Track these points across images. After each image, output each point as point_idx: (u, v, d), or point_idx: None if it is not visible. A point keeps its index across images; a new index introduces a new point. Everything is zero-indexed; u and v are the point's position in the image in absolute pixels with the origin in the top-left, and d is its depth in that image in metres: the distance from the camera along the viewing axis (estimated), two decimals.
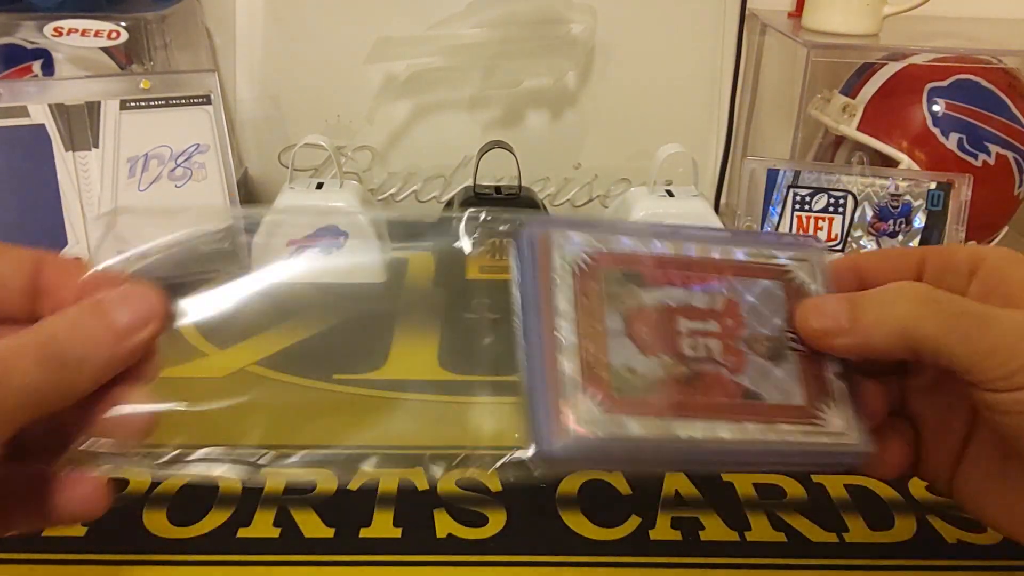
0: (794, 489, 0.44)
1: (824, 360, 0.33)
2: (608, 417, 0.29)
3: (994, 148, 0.65)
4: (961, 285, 0.34)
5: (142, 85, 0.63)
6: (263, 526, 0.40)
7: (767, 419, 0.31)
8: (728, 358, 0.32)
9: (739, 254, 0.34)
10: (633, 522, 0.41)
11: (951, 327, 0.31)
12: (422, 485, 0.43)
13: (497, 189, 0.68)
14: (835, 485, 0.45)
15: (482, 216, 0.34)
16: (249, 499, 0.42)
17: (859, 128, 0.67)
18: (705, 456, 0.30)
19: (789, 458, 0.31)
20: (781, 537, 0.41)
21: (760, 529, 0.41)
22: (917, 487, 0.45)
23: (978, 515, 0.35)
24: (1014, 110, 0.66)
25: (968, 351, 0.30)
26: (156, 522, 0.40)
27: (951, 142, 0.65)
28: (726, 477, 0.45)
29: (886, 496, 0.43)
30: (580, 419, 0.29)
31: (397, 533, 0.40)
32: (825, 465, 0.32)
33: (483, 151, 0.68)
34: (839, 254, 0.36)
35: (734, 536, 0.40)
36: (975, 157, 0.65)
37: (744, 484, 0.45)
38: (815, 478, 0.45)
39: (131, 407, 0.29)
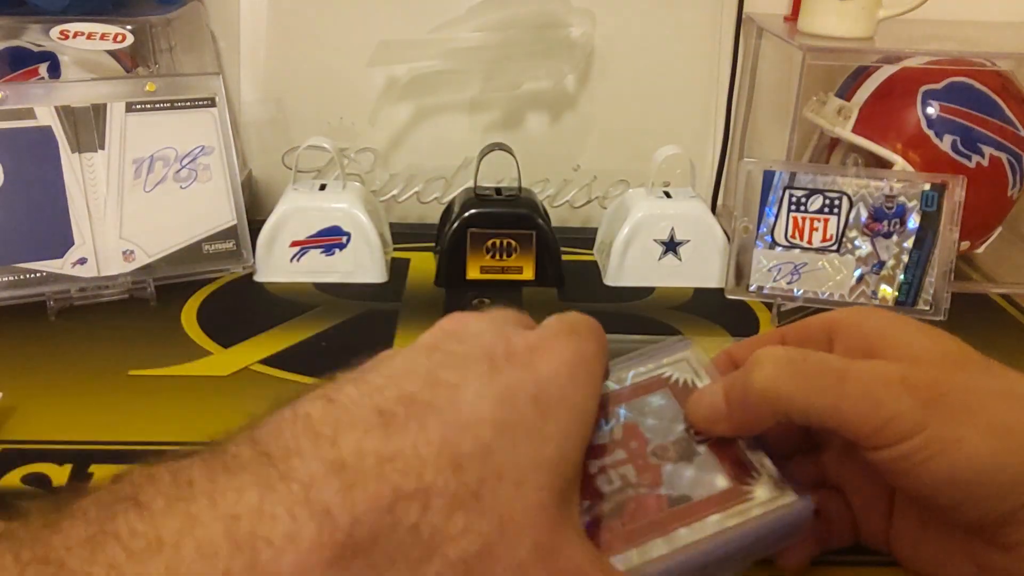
0: None
1: (734, 440, 0.33)
2: None
3: (987, 150, 0.66)
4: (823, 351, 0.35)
5: (147, 88, 0.63)
6: None
7: (698, 517, 0.31)
8: (644, 477, 0.32)
9: (618, 384, 0.35)
10: None
11: (810, 385, 0.31)
12: None
13: (498, 191, 0.69)
14: None
15: None
16: None
17: (854, 130, 0.68)
18: None
19: (737, 545, 0.31)
20: None
21: None
22: None
23: (913, 570, 0.36)
24: (1007, 112, 0.66)
25: (830, 405, 0.31)
26: None
27: (945, 144, 0.66)
28: None
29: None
30: None
31: None
32: (773, 533, 0.32)
33: (484, 153, 0.68)
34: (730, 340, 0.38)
35: None
36: (969, 159, 0.66)
37: None
38: None
39: None
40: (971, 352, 0.34)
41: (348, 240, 0.67)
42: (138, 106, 0.63)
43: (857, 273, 0.61)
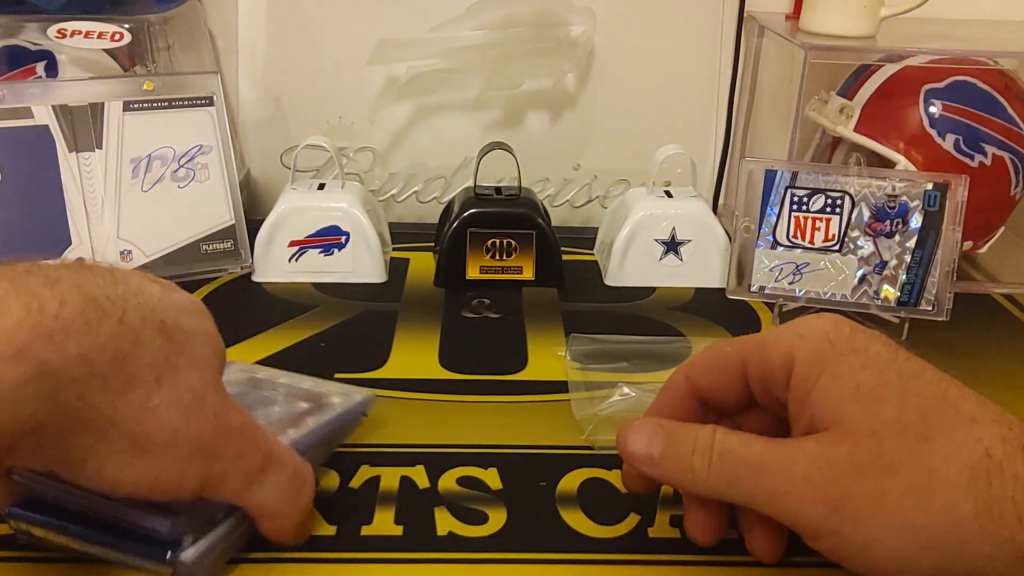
0: None
1: (302, 382, 0.48)
2: None
3: (990, 149, 0.65)
4: (782, 393, 0.36)
5: (145, 87, 0.63)
6: None
7: (298, 423, 0.43)
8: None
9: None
10: (632, 520, 0.42)
11: (730, 481, 0.34)
12: (423, 483, 0.44)
13: (497, 190, 0.69)
14: None
15: None
16: None
17: (856, 129, 0.68)
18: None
19: (329, 429, 0.44)
20: None
21: None
22: None
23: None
24: (1010, 111, 0.66)
25: (749, 501, 0.34)
26: None
27: (948, 143, 0.65)
28: None
29: None
30: None
31: (398, 531, 0.40)
32: (351, 417, 0.47)
33: (483, 152, 0.68)
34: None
35: (732, 534, 0.41)
36: (972, 158, 0.65)
37: None
38: None
39: None
40: (911, 414, 0.32)
41: (347, 240, 0.66)
42: (136, 105, 0.63)
43: (859, 273, 0.61)
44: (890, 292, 0.61)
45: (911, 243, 0.60)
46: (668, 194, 0.70)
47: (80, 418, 0.29)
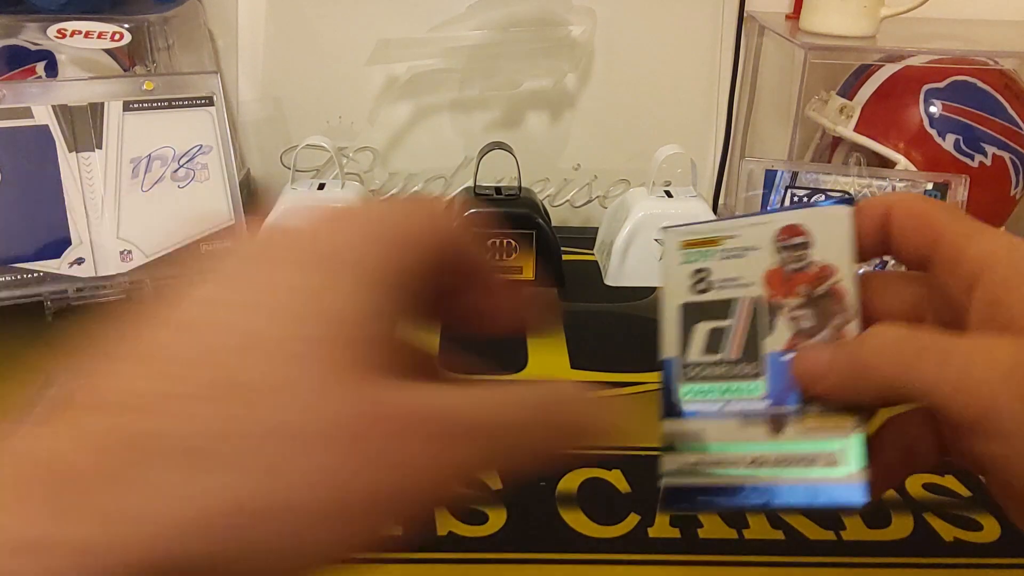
0: None
1: None
2: None
3: (990, 149, 0.65)
4: (962, 300, 0.30)
5: (145, 86, 0.63)
6: None
7: None
8: None
9: None
10: (632, 520, 0.42)
11: (911, 363, 0.28)
12: None
13: (497, 190, 0.69)
14: None
15: None
16: None
17: (856, 129, 0.68)
18: None
19: None
20: (779, 535, 0.41)
21: (758, 527, 0.42)
22: (914, 485, 0.45)
23: None
24: (1010, 111, 0.66)
25: (927, 388, 0.28)
26: None
27: (948, 143, 0.65)
28: None
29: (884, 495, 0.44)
30: None
31: (398, 531, 0.40)
32: None
33: (483, 152, 0.68)
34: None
35: (732, 534, 0.41)
36: (971, 158, 0.65)
37: None
38: None
39: None
40: None
41: None
42: (136, 105, 0.63)
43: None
44: None
45: None
46: (668, 194, 0.69)
47: None
